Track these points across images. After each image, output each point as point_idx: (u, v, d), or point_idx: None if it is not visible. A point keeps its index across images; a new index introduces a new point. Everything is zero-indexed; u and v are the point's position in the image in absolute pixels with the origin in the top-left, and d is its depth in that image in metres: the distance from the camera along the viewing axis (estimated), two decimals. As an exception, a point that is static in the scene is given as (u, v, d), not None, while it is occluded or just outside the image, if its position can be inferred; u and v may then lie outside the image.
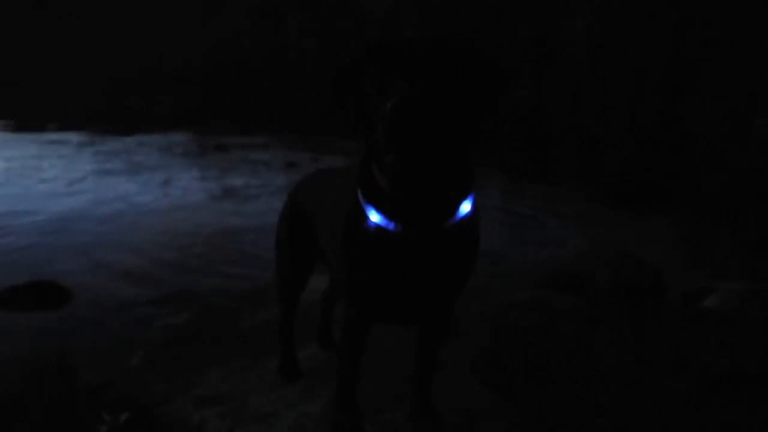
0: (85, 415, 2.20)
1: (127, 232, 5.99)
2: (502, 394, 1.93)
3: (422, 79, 1.07)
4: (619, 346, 2.31)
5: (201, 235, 5.94)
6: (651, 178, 10.77)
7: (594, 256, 3.81)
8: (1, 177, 9.08)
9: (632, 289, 3.18)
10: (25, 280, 4.27)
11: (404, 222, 1.23)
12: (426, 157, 1.07)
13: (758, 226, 7.21)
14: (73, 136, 14.72)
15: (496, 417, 1.78)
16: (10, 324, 3.71)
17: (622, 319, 2.62)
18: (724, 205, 8.72)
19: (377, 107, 1.10)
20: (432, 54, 1.11)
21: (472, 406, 1.82)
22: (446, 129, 1.09)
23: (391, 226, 1.24)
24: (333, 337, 2.29)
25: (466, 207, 1.26)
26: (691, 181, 10.60)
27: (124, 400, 2.32)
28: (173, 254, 5.24)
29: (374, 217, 1.25)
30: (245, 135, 16.41)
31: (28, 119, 18.44)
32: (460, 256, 1.32)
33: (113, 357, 2.95)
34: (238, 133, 17.01)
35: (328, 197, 1.59)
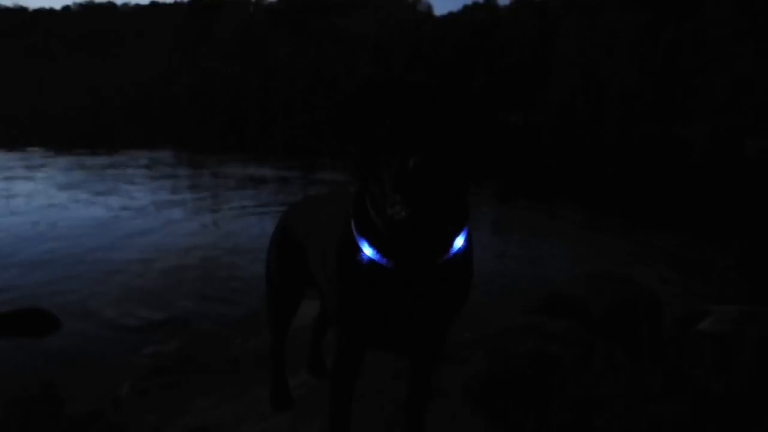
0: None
1: (114, 258, 5.94)
2: (496, 421, 1.89)
3: (431, 135, 1.09)
4: (615, 371, 2.28)
5: (188, 259, 5.90)
6: (645, 200, 10.83)
7: (588, 279, 3.78)
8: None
9: (627, 312, 3.16)
10: (12, 307, 4.20)
11: (398, 259, 1.23)
12: (433, 210, 1.08)
13: (752, 247, 7.24)
14: (59, 157, 14.73)
15: (490, 445, 1.74)
16: (-5, 351, 3.65)
17: (617, 344, 2.59)
18: (719, 225, 8.76)
19: (385, 158, 1.11)
20: (434, 104, 1.13)
21: (466, 435, 1.79)
22: (452, 181, 1.11)
23: (384, 261, 1.24)
24: (324, 365, 2.26)
25: (459, 242, 1.27)
26: (685, 202, 10.67)
27: (112, 431, 2.27)
28: (161, 279, 5.20)
29: (368, 251, 1.26)
30: (229, 155, 16.44)
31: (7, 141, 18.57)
32: (453, 289, 1.32)
33: (101, 386, 2.90)
34: (223, 153, 17.06)
35: (319, 224, 1.58)
